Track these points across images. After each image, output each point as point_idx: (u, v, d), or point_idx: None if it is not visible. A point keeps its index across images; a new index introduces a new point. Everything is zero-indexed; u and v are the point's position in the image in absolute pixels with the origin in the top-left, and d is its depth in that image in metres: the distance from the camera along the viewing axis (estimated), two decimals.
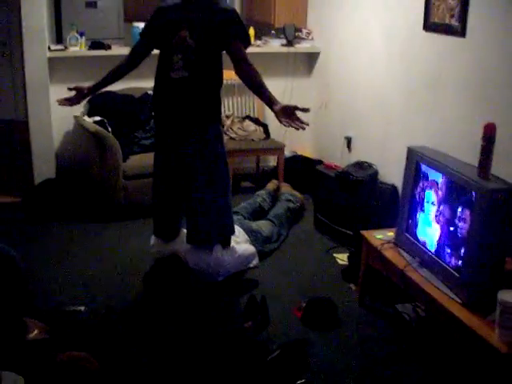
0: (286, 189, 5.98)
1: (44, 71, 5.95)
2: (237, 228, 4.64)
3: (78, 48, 6.17)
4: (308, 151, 6.85)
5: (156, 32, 4.19)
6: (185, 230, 4.47)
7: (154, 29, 4.22)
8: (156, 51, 4.30)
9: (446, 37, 4.33)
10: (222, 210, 4.35)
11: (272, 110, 4.09)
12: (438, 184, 3.54)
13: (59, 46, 6.25)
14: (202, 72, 4.08)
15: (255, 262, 4.71)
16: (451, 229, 3.40)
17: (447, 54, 4.35)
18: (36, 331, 2.98)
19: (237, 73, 4.17)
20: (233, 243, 4.50)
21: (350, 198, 5.06)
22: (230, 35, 4.10)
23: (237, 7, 7.90)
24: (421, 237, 3.71)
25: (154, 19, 4.25)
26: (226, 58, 4.21)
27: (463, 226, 3.26)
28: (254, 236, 4.85)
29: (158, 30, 4.16)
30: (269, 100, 4.14)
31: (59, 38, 7.91)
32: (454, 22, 4.18)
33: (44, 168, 6.11)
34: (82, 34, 6.21)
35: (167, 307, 4.09)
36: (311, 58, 6.83)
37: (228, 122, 6.28)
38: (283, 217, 5.38)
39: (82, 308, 4.05)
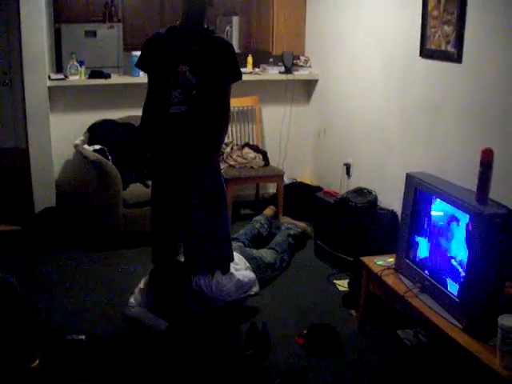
0: (285, 220, 6.00)
1: (44, 100, 5.98)
2: (237, 255, 4.65)
3: (77, 77, 6.20)
4: (307, 178, 6.87)
5: (153, 63, 4.17)
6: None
7: (151, 61, 4.20)
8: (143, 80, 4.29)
9: (442, 63, 4.37)
10: (221, 237, 4.36)
11: None
12: (436, 209, 3.55)
13: (59, 75, 6.29)
14: (201, 106, 4.10)
15: (255, 289, 4.69)
16: (450, 254, 3.41)
17: (444, 80, 4.38)
18: (38, 360, 2.97)
19: (215, 109, 4.19)
20: (232, 270, 4.50)
21: (350, 224, 5.06)
22: (225, 77, 4.15)
23: (235, 35, 7.96)
24: (420, 262, 3.71)
25: (150, 50, 4.21)
26: None
27: (462, 251, 3.27)
28: (255, 263, 4.85)
29: (155, 62, 4.15)
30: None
31: (59, 66, 7.95)
32: (451, 49, 4.22)
33: (44, 196, 6.12)
34: (81, 63, 6.25)
35: (169, 335, 4.09)
36: (309, 85, 6.87)
37: (227, 150, 6.30)
38: (285, 243, 5.38)
39: (83, 337, 4.05)
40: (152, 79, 4.24)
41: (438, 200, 3.53)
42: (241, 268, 4.67)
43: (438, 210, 3.55)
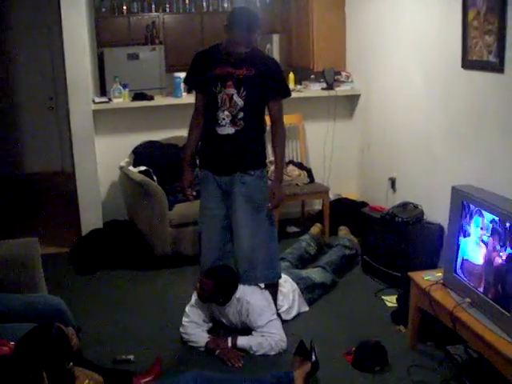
0: (343, 233, 5.94)
1: (89, 123, 6.07)
2: (284, 276, 4.64)
3: (121, 100, 6.28)
4: (352, 194, 6.84)
5: (201, 82, 4.21)
6: None
7: (198, 80, 4.25)
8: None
9: (485, 73, 4.33)
10: (269, 253, 4.36)
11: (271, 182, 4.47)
12: (484, 223, 3.51)
13: (103, 99, 6.38)
14: (248, 126, 4.13)
15: (304, 308, 4.71)
16: (501, 268, 3.35)
17: (487, 91, 4.34)
18: (86, 381, 2.98)
19: (270, 128, 4.33)
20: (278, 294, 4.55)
21: (397, 239, 5.02)
22: (274, 94, 4.20)
23: (276, 53, 8.00)
24: (469, 277, 3.66)
25: (196, 69, 4.27)
26: None
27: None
28: (303, 283, 4.84)
29: (204, 81, 4.18)
30: (275, 172, 4.40)
31: (103, 90, 8.06)
32: (492, 59, 4.18)
33: (91, 218, 6.20)
34: (125, 86, 6.33)
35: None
36: (352, 101, 6.85)
37: (272, 168, 6.30)
38: (338, 264, 5.34)
39: (131, 356, 4.08)
40: (200, 96, 4.30)
41: (486, 213, 3.48)
42: (287, 291, 4.65)
43: (486, 224, 3.50)
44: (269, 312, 4.26)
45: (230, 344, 4.15)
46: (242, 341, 4.16)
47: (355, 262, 5.62)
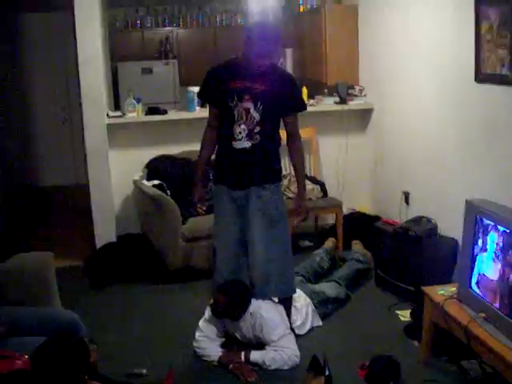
0: (357, 247, 5.93)
1: (103, 137, 6.10)
2: (297, 291, 4.63)
3: (135, 114, 6.31)
4: (366, 208, 6.83)
5: (217, 96, 4.22)
6: None
7: (212, 95, 4.26)
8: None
9: (497, 86, 4.33)
10: (284, 267, 4.36)
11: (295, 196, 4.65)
12: (499, 237, 3.49)
13: (117, 113, 6.41)
14: (264, 140, 4.14)
15: (318, 322, 4.72)
16: None
17: (500, 104, 4.33)
18: None
19: (287, 143, 4.38)
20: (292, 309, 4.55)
21: (410, 253, 5.01)
22: (290, 108, 4.23)
23: (289, 67, 8.02)
24: (483, 291, 3.64)
25: (210, 83, 4.27)
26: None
27: None
28: (316, 298, 4.83)
29: (219, 95, 4.18)
30: (298, 186, 4.51)
31: (117, 104, 8.10)
32: (506, 72, 4.17)
33: (105, 232, 6.22)
34: (138, 100, 6.35)
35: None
36: (365, 115, 6.85)
37: (285, 182, 6.30)
38: (351, 278, 5.34)
39: (144, 370, 4.09)
40: (213, 110, 4.31)
41: (500, 226, 3.47)
42: (301, 306, 4.65)
43: (500, 237, 3.48)
44: (282, 326, 4.25)
45: (243, 358, 4.14)
46: (256, 355, 4.16)
47: (368, 276, 5.60)
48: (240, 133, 4.11)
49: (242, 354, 4.17)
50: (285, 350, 4.14)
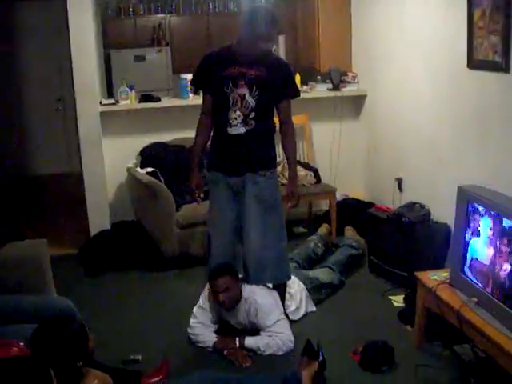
0: (349, 233, 5.93)
1: (96, 125, 6.10)
2: (291, 277, 4.64)
3: (128, 101, 6.30)
4: (359, 194, 6.85)
5: (211, 82, 4.22)
6: None
7: (206, 81, 4.27)
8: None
9: (490, 73, 4.34)
10: (279, 253, 4.37)
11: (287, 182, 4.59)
12: (490, 222, 3.51)
13: (110, 100, 6.41)
14: (258, 126, 4.16)
15: (311, 308, 4.74)
16: (507, 268, 3.36)
17: (493, 90, 4.35)
18: (96, 381, 3.00)
19: (279, 129, 4.38)
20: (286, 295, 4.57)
21: (403, 239, 5.03)
22: (284, 95, 4.25)
23: (282, 54, 8.01)
24: (475, 276, 3.67)
25: (204, 70, 4.28)
26: None
27: None
28: (310, 283, 4.86)
29: (214, 82, 4.19)
30: (289, 172, 4.49)
31: (110, 91, 8.09)
32: (498, 58, 4.18)
33: (99, 219, 6.23)
34: (131, 88, 6.34)
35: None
36: (358, 101, 6.86)
37: (279, 168, 6.29)
38: (344, 263, 5.36)
39: (140, 357, 4.11)
40: (208, 97, 4.31)
41: (492, 212, 3.49)
42: (294, 292, 4.68)
43: (492, 223, 3.50)
44: (277, 311, 4.27)
45: (237, 344, 4.17)
46: (250, 341, 4.18)
47: (362, 262, 5.62)
48: (235, 118, 4.12)
49: (237, 339, 4.19)
50: (279, 336, 4.16)
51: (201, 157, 4.56)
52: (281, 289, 4.47)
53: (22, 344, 3.00)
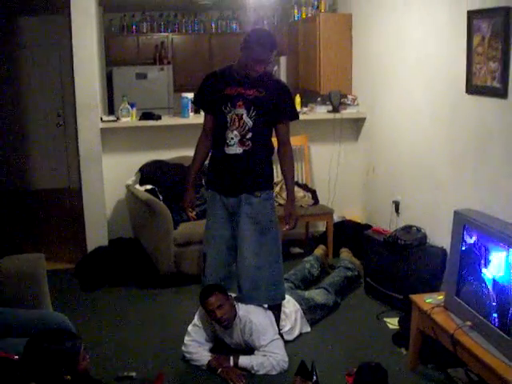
0: (345, 255, 5.92)
1: (97, 141, 6.11)
2: (286, 297, 4.64)
3: (129, 119, 6.33)
4: (356, 216, 6.87)
5: (211, 102, 4.27)
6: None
7: (208, 101, 4.31)
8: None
9: (489, 99, 4.36)
10: (274, 274, 4.37)
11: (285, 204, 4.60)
12: (485, 247, 3.53)
13: (111, 117, 6.43)
14: (256, 147, 4.18)
15: (306, 328, 4.75)
16: (501, 291, 3.38)
17: (491, 116, 4.37)
18: None
19: (278, 151, 4.40)
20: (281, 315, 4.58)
21: (399, 262, 5.04)
22: (283, 116, 4.27)
23: (283, 75, 8.07)
24: (470, 300, 3.68)
25: (206, 89, 4.32)
26: None
27: None
28: (306, 304, 4.86)
29: (214, 102, 4.23)
30: (287, 194, 4.49)
31: (111, 108, 8.13)
32: (496, 84, 4.22)
33: (97, 235, 6.23)
34: (132, 106, 6.38)
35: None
36: (357, 124, 6.90)
37: (277, 189, 6.32)
38: (340, 285, 5.35)
39: (134, 373, 4.11)
40: (208, 117, 4.35)
41: (487, 237, 3.51)
42: (290, 311, 4.68)
43: (487, 248, 3.52)
44: (271, 331, 4.27)
45: (231, 363, 4.17)
46: (244, 360, 4.18)
47: (357, 284, 5.63)
48: (232, 138, 4.15)
49: (231, 358, 4.19)
50: (273, 356, 4.17)
51: (197, 176, 4.59)
52: (275, 309, 4.48)
53: (16, 357, 3.01)
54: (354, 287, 5.59)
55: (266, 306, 4.43)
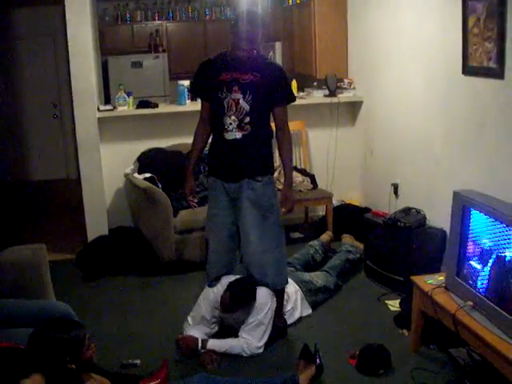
0: (347, 240, 5.96)
1: (94, 131, 6.12)
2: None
3: (126, 107, 6.33)
4: (355, 199, 6.88)
5: (207, 90, 4.26)
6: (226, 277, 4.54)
7: (204, 88, 4.31)
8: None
9: (485, 79, 4.37)
10: (278, 258, 4.38)
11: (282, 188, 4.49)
12: (485, 226, 3.54)
13: (108, 107, 6.43)
14: (254, 131, 4.16)
15: (307, 311, 4.77)
16: (502, 271, 3.39)
17: (487, 96, 4.38)
18: None
19: (275, 134, 4.36)
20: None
21: (400, 244, 5.06)
22: (279, 100, 4.23)
23: (278, 60, 8.06)
24: (471, 280, 3.70)
25: (201, 77, 4.32)
26: None
27: None
28: (305, 286, 4.87)
29: (210, 89, 4.23)
30: (285, 178, 4.42)
31: (107, 98, 8.11)
32: (492, 65, 4.22)
33: (97, 225, 6.25)
34: (129, 94, 6.38)
35: None
36: (354, 107, 6.90)
37: (276, 174, 6.30)
38: (341, 268, 5.37)
39: (138, 361, 4.13)
40: (205, 104, 4.35)
41: (487, 217, 3.52)
42: (289, 292, 4.69)
43: (486, 227, 3.54)
44: (263, 313, 4.28)
45: (199, 345, 4.23)
46: (213, 343, 4.25)
47: (359, 267, 5.64)
48: (230, 124, 4.14)
49: (199, 340, 4.26)
50: (247, 341, 4.22)
51: (196, 163, 4.59)
52: (279, 294, 4.48)
53: (21, 348, 3.02)
54: (355, 270, 5.60)
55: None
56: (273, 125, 4.34)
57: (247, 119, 4.13)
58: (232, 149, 4.19)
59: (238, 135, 4.15)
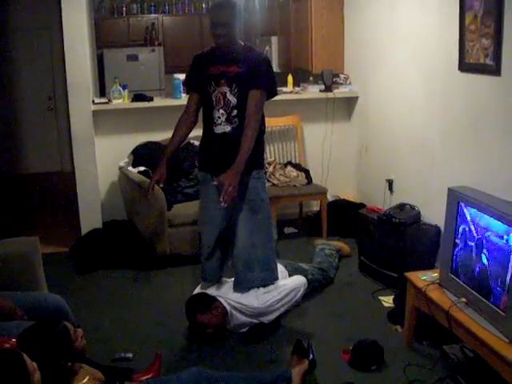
0: (318, 242, 5.90)
1: (89, 124, 6.10)
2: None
3: (121, 100, 6.31)
4: (350, 195, 6.88)
5: (197, 84, 4.29)
6: (226, 279, 4.59)
7: (195, 81, 4.33)
8: None
9: (481, 76, 4.36)
10: (267, 253, 4.38)
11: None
12: (479, 223, 3.54)
13: (103, 100, 6.41)
14: (243, 124, 4.12)
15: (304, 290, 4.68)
16: (495, 268, 3.39)
17: (484, 93, 4.38)
18: (87, 377, 3.01)
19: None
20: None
21: (394, 240, 5.06)
22: (254, 84, 4.13)
23: (274, 55, 8.05)
24: (464, 276, 3.70)
25: (194, 70, 4.35)
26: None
27: (507, 265, 3.25)
28: (292, 266, 4.93)
29: (199, 83, 4.25)
30: (234, 163, 4.05)
31: (102, 91, 8.09)
32: (489, 62, 4.21)
33: (90, 218, 6.23)
34: (124, 87, 6.36)
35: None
36: (350, 103, 6.89)
37: (270, 169, 6.33)
38: (326, 261, 5.37)
39: (130, 355, 4.12)
40: (194, 97, 4.37)
41: (481, 214, 3.52)
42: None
43: (481, 224, 3.53)
44: (282, 289, 4.37)
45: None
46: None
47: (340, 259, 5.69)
48: (219, 117, 4.16)
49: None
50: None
51: (174, 152, 4.52)
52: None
53: (13, 341, 3.01)
54: (348, 265, 5.62)
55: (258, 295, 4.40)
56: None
57: (235, 112, 4.13)
58: (221, 142, 4.19)
59: (227, 128, 4.15)
